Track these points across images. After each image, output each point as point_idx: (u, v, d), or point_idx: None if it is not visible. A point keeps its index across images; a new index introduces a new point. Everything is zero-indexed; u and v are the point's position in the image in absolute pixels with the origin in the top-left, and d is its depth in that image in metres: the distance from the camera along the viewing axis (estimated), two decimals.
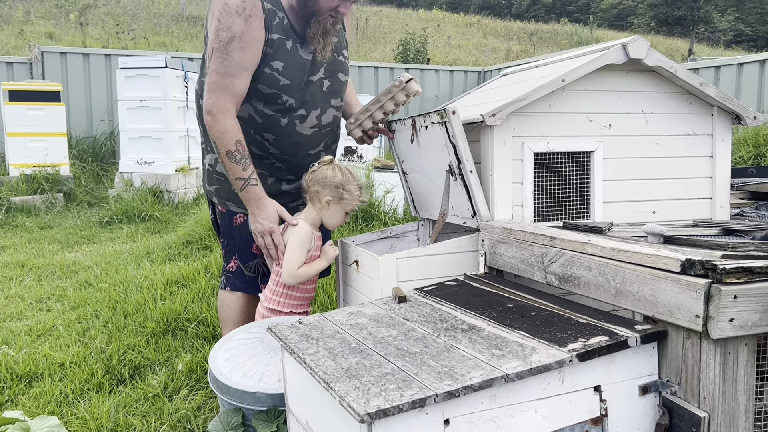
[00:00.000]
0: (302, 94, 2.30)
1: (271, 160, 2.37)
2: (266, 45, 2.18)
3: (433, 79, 11.10)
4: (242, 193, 2.24)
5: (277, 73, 2.21)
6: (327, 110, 2.39)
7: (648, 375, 1.41)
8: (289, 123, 2.31)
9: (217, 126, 2.17)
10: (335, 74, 2.39)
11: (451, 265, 2.10)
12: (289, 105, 2.28)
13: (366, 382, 1.29)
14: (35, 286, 4.08)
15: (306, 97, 2.31)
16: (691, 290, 1.29)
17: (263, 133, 2.31)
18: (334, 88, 2.40)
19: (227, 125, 2.17)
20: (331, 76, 2.38)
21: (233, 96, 2.18)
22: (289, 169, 2.39)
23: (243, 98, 2.23)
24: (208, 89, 2.18)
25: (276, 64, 2.21)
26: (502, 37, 25.89)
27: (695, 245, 1.62)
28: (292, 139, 2.34)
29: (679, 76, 2.20)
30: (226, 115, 2.17)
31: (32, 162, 6.53)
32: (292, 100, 2.28)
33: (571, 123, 2.17)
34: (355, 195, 2.34)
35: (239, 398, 1.88)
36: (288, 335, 1.67)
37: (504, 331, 1.50)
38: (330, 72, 2.37)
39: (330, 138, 2.47)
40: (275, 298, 2.36)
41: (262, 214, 2.25)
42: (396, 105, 2.33)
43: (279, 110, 2.29)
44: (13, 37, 16.11)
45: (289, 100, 2.27)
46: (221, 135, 2.17)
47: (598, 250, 1.56)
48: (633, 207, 2.27)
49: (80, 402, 2.63)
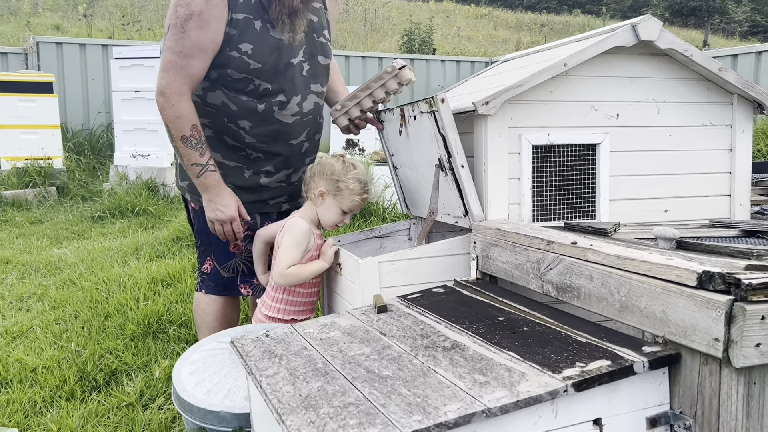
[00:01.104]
0: (281, 78, 2.11)
1: (247, 151, 2.18)
2: (229, 25, 1.99)
3: (439, 70, 10.85)
4: (199, 180, 2.08)
5: (246, 57, 2.02)
6: (308, 96, 2.19)
7: (657, 405, 1.21)
8: (267, 109, 2.11)
9: (171, 109, 2.01)
10: (314, 57, 2.19)
11: (441, 269, 1.91)
12: (264, 90, 2.10)
13: (324, 415, 1.10)
14: (17, 284, 3.93)
15: (285, 83, 2.12)
16: (710, 308, 1.09)
17: (238, 121, 2.12)
18: (314, 72, 2.20)
19: (182, 109, 2.01)
20: (310, 59, 2.18)
21: (188, 78, 2.01)
22: (267, 159, 2.19)
23: (199, 81, 2.06)
24: (163, 68, 2.02)
25: (244, 47, 2.02)
26: (512, 29, 25.54)
27: (713, 252, 1.41)
28: (270, 127, 2.14)
29: (695, 60, 1.98)
30: (180, 98, 2.00)
31: (24, 155, 6.38)
32: (268, 85, 2.09)
33: (575, 112, 1.96)
34: (354, 190, 2.11)
35: (202, 417, 1.70)
36: (250, 351, 1.48)
37: (491, 350, 1.31)
38: (309, 55, 2.17)
39: (313, 127, 2.27)
40: (273, 304, 2.17)
41: (222, 201, 2.09)
42: (387, 93, 2.13)
43: (255, 96, 2.11)
44: (20, 28, 16.01)
45: (263, 84, 2.09)
46: (175, 119, 2.02)
47: (600, 258, 1.36)
48: (643, 205, 2.06)
49: (49, 411, 2.47)
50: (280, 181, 2.25)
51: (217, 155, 2.18)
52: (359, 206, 2.18)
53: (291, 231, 2.09)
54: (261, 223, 2.28)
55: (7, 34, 15.51)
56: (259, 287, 2.33)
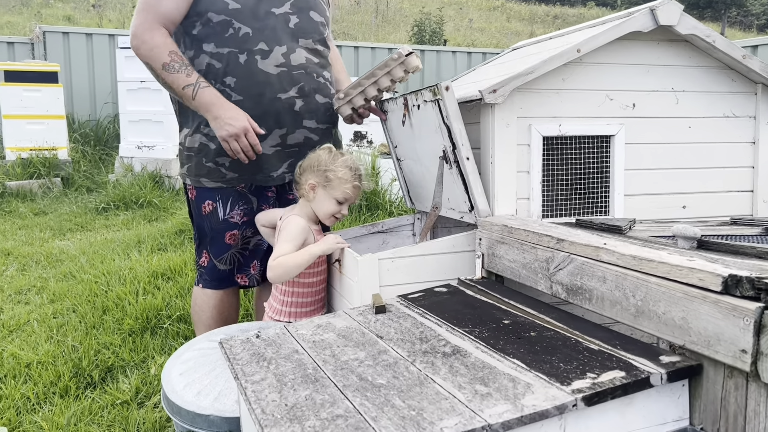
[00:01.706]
0: (260, 24, 2.03)
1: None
2: None
3: (450, 61, 10.69)
4: (196, 101, 1.98)
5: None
6: (296, 50, 2.09)
7: (676, 420, 1.11)
8: (249, 60, 2.03)
9: (144, 46, 1.97)
10: (305, 11, 2.10)
11: (444, 267, 1.80)
12: (244, 35, 2.02)
13: (309, 428, 1.00)
14: (17, 277, 3.87)
15: (266, 30, 2.04)
16: (737, 316, 0.98)
17: (224, 78, 2.05)
18: (305, 26, 2.10)
19: (155, 41, 1.96)
20: (300, 12, 2.09)
21: (160, 16, 1.98)
22: (257, 118, 2.07)
23: (174, 23, 2.01)
24: (136, 11, 1.99)
25: None
26: (525, 21, 25.28)
27: (739, 253, 1.30)
28: (255, 78, 2.05)
29: (718, 46, 1.86)
30: (152, 32, 1.96)
31: (29, 145, 6.32)
32: (248, 29, 2.01)
33: (588, 102, 1.85)
34: (344, 178, 1.99)
35: (191, 421, 1.61)
36: (238, 354, 1.39)
37: (494, 357, 1.20)
38: (298, 8, 2.08)
39: (307, 83, 2.12)
40: (277, 306, 2.08)
41: (228, 113, 1.97)
42: (393, 81, 2.02)
43: (235, 44, 2.03)
44: (31, 19, 16.02)
45: (242, 28, 2.01)
46: (150, 52, 1.97)
47: (615, 258, 1.25)
48: (659, 201, 1.94)
49: (42, 408, 2.39)
50: (275, 144, 2.13)
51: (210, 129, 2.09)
52: (354, 195, 2.04)
53: (286, 227, 1.99)
54: (258, 206, 2.18)
55: (18, 24, 15.52)
56: (255, 277, 2.24)
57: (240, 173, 2.12)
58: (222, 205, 2.15)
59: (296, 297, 2.05)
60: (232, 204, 2.14)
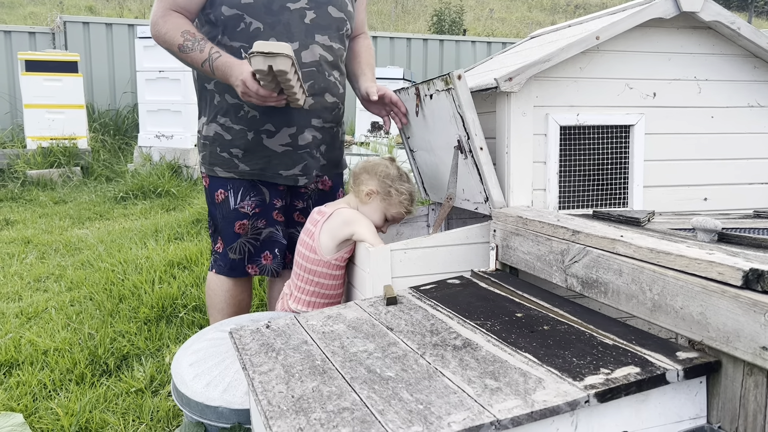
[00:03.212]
0: (273, 20, 2.00)
1: (245, 109, 2.07)
2: None
3: (469, 52, 10.59)
4: (216, 74, 1.97)
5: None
6: (310, 46, 2.05)
7: (693, 418, 1.07)
8: None
9: (160, 31, 1.99)
10: (323, 6, 2.06)
11: (457, 258, 1.78)
12: (255, 30, 1.99)
13: (315, 421, 0.99)
14: (36, 264, 3.91)
15: (278, 26, 2.01)
16: (757, 312, 0.95)
17: None
18: (322, 22, 2.07)
19: (168, 25, 1.98)
20: (318, 8, 2.05)
21: (174, 4, 1.99)
22: (265, 115, 2.06)
23: (190, 12, 2.03)
24: (155, 2, 2.01)
25: None
26: (547, 11, 24.95)
27: (761, 246, 1.25)
28: None
29: (743, 34, 1.80)
30: (165, 18, 1.98)
31: (49, 134, 6.38)
32: (259, 24, 1.99)
33: (607, 91, 1.81)
34: (402, 199, 2.00)
35: (200, 412, 1.61)
36: (247, 344, 1.38)
37: (506, 351, 1.18)
38: (316, 3, 2.05)
39: (317, 81, 2.09)
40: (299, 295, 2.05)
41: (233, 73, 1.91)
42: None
43: (245, 39, 2.01)
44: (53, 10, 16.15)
45: (254, 23, 1.99)
46: (165, 36, 1.99)
47: (631, 250, 1.22)
48: (680, 193, 1.89)
49: (58, 395, 2.42)
50: (285, 143, 2.11)
51: (226, 119, 2.11)
52: (401, 218, 2.06)
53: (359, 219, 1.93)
54: (270, 200, 2.16)
55: (41, 15, 15.67)
56: (267, 267, 2.22)
57: (251, 167, 2.12)
58: (233, 195, 2.14)
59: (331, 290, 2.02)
60: (243, 194, 2.14)
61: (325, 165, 2.22)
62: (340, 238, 1.93)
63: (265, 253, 2.22)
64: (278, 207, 2.19)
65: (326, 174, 2.26)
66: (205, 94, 2.16)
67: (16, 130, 7.62)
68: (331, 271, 1.98)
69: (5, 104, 8.11)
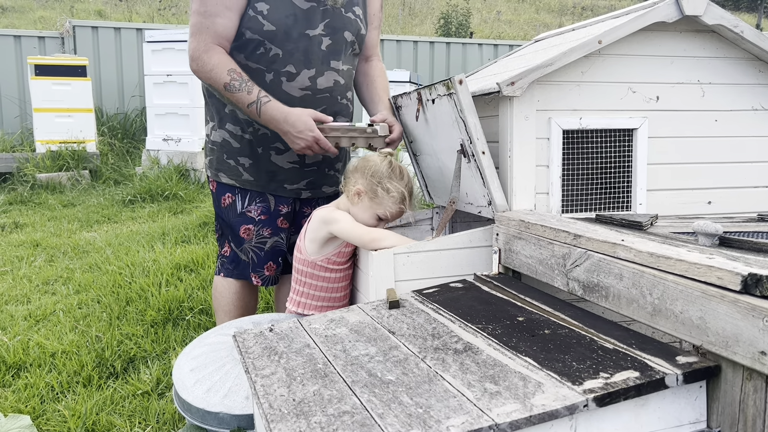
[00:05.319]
0: (292, 47, 2.01)
1: (255, 126, 2.08)
2: None
3: (476, 54, 10.59)
4: (262, 120, 1.97)
5: (261, 17, 1.96)
6: (325, 72, 2.07)
7: (692, 423, 1.08)
8: (275, 80, 2.02)
9: (203, 67, 1.97)
10: (339, 32, 2.07)
11: (460, 262, 1.78)
12: (274, 56, 2.01)
13: (315, 424, 1.00)
14: (45, 267, 3.94)
15: (297, 53, 2.02)
16: (756, 317, 0.95)
17: None
18: (336, 48, 2.08)
19: (212, 62, 1.95)
20: (333, 33, 2.06)
21: (215, 36, 1.96)
22: (275, 134, 2.07)
23: (229, 40, 1.99)
24: (190, 33, 1.98)
25: (260, 6, 1.96)
26: (555, 13, 24.90)
27: (762, 251, 1.25)
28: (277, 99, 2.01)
29: (746, 37, 1.80)
30: (208, 54, 1.95)
31: (58, 138, 6.43)
32: (279, 51, 2.00)
33: (610, 94, 1.81)
34: (393, 196, 1.89)
35: (201, 418, 1.62)
36: (250, 347, 1.39)
37: (506, 355, 1.18)
38: (332, 29, 2.06)
39: (330, 107, 2.11)
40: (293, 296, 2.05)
41: (294, 129, 1.93)
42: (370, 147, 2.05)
43: (264, 63, 2.02)
44: (63, 14, 16.27)
45: (273, 49, 2.00)
46: (210, 73, 1.96)
47: (632, 255, 1.22)
48: (683, 196, 1.89)
49: (65, 397, 2.44)
50: (293, 161, 2.13)
51: (236, 128, 2.12)
52: (397, 215, 1.96)
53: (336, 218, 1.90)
54: (275, 206, 2.18)
55: (51, 19, 15.79)
56: (270, 278, 2.24)
57: (255, 178, 2.14)
58: (240, 200, 2.17)
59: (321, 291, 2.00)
60: (249, 199, 2.16)
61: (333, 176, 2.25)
62: (319, 239, 1.92)
63: (269, 263, 2.23)
64: (284, 213, 2.20)
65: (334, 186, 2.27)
66: (214, 101, 2.18)
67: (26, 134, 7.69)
68: (318, 272, 1.96)
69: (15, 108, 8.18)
